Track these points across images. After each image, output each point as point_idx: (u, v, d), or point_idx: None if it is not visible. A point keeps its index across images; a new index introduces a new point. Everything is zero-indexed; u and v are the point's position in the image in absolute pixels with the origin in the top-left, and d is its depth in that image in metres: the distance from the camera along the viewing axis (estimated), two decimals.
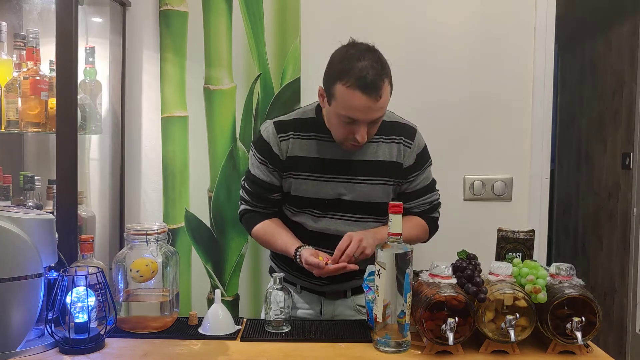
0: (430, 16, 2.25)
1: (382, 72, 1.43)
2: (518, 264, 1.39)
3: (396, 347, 1.31)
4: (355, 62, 1.42)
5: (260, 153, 1.64)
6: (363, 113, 1.45)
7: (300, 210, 1.66)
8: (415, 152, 1.64)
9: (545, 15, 2.25)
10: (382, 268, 1.29)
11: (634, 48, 3.02)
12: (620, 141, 3.19)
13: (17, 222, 1.29)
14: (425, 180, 1.69)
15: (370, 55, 1.44)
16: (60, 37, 1.65)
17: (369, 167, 1.61)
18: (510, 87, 2.28)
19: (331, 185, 1.62)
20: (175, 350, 1.32)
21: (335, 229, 1.63)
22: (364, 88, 1.41)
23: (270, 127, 1.63)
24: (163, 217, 2.23)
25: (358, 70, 1.41)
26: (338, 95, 1.45)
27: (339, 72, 1.44)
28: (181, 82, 2.20)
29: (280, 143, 1.61)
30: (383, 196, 1.63)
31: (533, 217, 2.30)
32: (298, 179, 1.62)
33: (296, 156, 1.62)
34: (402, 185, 1.66)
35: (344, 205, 1.63)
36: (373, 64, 1.42)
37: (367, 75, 1.40)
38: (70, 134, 1.67)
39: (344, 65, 1.44)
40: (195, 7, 2.18)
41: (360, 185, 1.62)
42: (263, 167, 1.64)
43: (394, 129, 1.64)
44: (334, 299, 1.71)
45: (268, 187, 1.65)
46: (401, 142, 1.63)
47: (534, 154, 2.29)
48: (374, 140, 1.61)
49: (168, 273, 1.45)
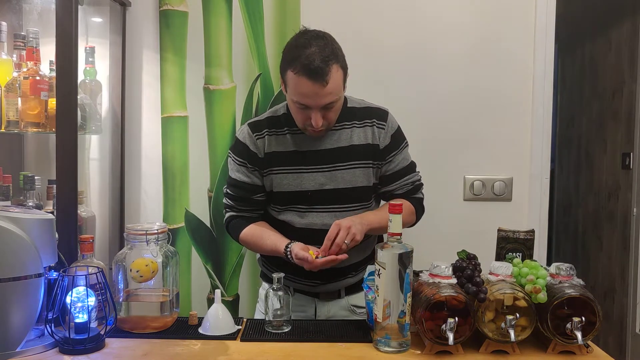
0: (431, 16, 2.25)
1: (330, 57, 1.46)
2: (518, 264, 1.39)
3: (396, 347, 1.31)
4: (302, 49, 1.46)
5: (238, 155, 1.66)
6: (311, 99, 1.48)
7: (285, 207, 1.66)
8: (389, 132, 1.66)
9: (545, 15, 2.25)
10: (382, 268, 1.29)
11: (634, 48, 3.02)
12: (620, 141, 3.19)
13: (17, 222, 1.29)
14: (404, 161, 1.70)
15: (319, 41, 1.48)
16: (60, 37, 1.65)
17: (346, 152, 1.63)
18: (510, 87, 2.28)
19: (312, 176, 1.63)
20: (175, 350, 1.32)
21: (322, 223, 1.63)
22: (310, 74, 1.44)
23: (245, 128, 1.67)
24: (163, 217, 2.23)
25: (304, 57, 1.44)
26: (289, 82, 1.50)
27: (288, 60, 1.49)
28: (181, 82, 2.20)
29: (256, 141, 1.64)
30: (364, 180, 1.64)
31: (533, 217, 2.30)
32: (278, 174, 1.63)
33: (273, 152, 1.63)
34: (382, 167, 1.67)
35: (327, 196, 1.63)
36: (320, 50, 1.45)
37: (312, 62, 1.44)
38: (70, 134, 1.67)
39: (292, 53, 1.48)
40: (195, 7, 2.18)
41: (340, 172, 1.63)
42: (243, 169, 1.65)
43: (365, 114, 1.66)
44: (328, 299, 1.70)
45: (250, 188, 1.65)
46: (374, 124, 1.65)
47: (534, 154, 2.29)
48: (346, 127, 1.64)
49: (168, 273, 1.45)
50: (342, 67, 1.51)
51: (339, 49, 1.52)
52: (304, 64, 1.44)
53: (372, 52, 2.23)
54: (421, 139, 2.14)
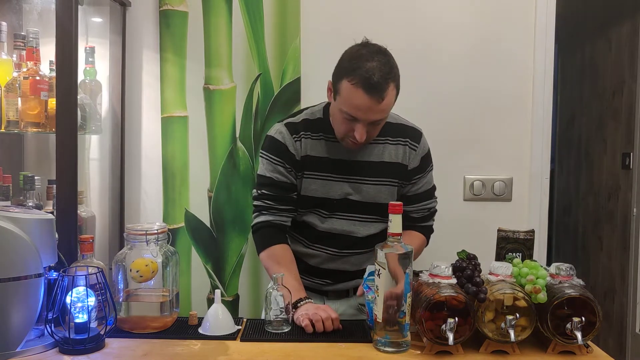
0: (430, 17, 2.25)
1: (389, 75, 1.44)
2: (518, 264, 1.39)
3: (396, 347, 1.31)
4: (364, 61, 1.44)
5: (275, 155, 1.63)
6: (364, 112, 1.46)
7: (308, 210, 1.67)
8: (420, 154, 1.66)
9: (545, 15, 2.25)
10: (382, 268, 1.29)
11: (634, 48, 3.02)
12: (620, 141, 3.19)
13: (17, 222, 1.29)
14: (427, 184, 1.71)
15: (380, 57, 1.46)
16: (60, 37, 1.64)
17: (375, 168, 1.63)
18: (510, 87, 2.28)
19: (339, 185, 1.63)
20: (175, 350, 1.32)
21: (341, 229, 1.66)
22: (368, 88, 1.42)
23: (283, 128, 1.64)
24: (163, 217, 2.23)
25: (365, 70, 1.42)
26: (343, 92, 1.47)
27: (346, 69, 1.46)
28: (181, 82, 2.20)
29: (295, 143, 1.63)
30: (388, 197, 1.64)
31: (533, 217, 2.30)
32: (308, 179, 1.64)
33: (308, 155, 1.63)
34: (405, 187, 1.68)
35: (350, 205, 1.65)
36: (381, 66, 1.44)
37: (372, 76, 1.42)
38: (70, 134, 1.67)
39: (352, 63, 1.46)
40: (195, 7, 2.18)
41: (367, 185, 1.63)
42: (280, 168, 1.63)
43: (400, 131, 1.66)
44: (337, 298, 1.72)
45: (288, 186, 1.64)
46: (407, 144, 1.65)
47: (534, 154, 2.29)
48: (380, 142, 1.63)
49: (168, 273, 1.45)
50: (396, 87, 1.49)
51: (397, 68, 1.50)
52: (364, 77, 1.42)
53: None
54: None
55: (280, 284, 1.46)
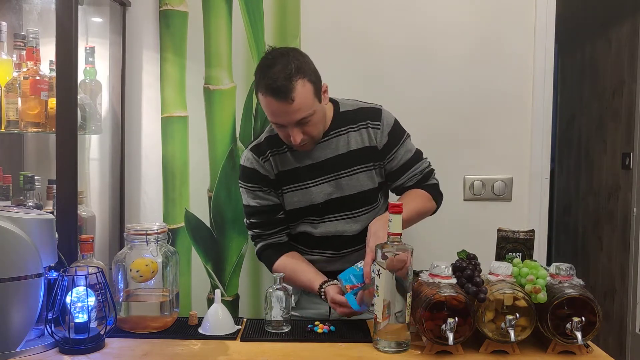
0: (430, 17, 2.24)
1: (292, 74, 1.45)
2: (518, 264, 1.39)
3: (396, 347, 1.31)
4: (267, 69, 1.47)
5: (250, 182, 1.67)
6: (282, 117, 1.49)
7: (299, 222, 1.69)
8: (385, 130, 1.65)
9: (545, 15, 2.25)
10: (382, 268, 1.29)
11: (634, 48, 3.02)
12: (620, 141, 3.19)
13: (17, 222, 1.29)
14: (408, 153, 1.69)
15: (282, 60, 1.48)
16: (60, 37, 1.64)
17: (346, 159, 1.64)
18: (510, 86, 2.28)
19: (319, 188, 1.65)
20: (175, 350, 1.32)
21: (335, 230, 1.67)
22: (274, 93, 1.45)
23: (249, 154, 1.68)
24: (163, 217, 2.23)
25: (268, 77, 1.45)
26: (261, 104, 1.52)
27: (256, 82, 1.51)
28: (181, 82, 2.20)
29: (264, 165, 1.65)
30: (369, 182, 1.65)
31: (533, 217, 2.30)
32: (288, 192, 1.66)
33: (281, 171, 1.65)
34: (385, 165, 1.67)
35: (337, 205, 1.66)
36: (282, 68, 1.45)
37: (275, 80, 1.44)
38: (70, 134, 1.67)
39: (259, 74, 1.50)
40: (195, 7, 2.18)
41: (344, 178, 1.64)
42: (259, 193, 1.66)
43: (358, 116, 1.66)
44: None
45: (272, 208, 1.67)
46: (368, 126, 1.65)
47: (534, 154, 2.29)
48: (342, 132, 1.64)
49: (168, 273, 1.45)
50: (310, 81, 1.49)
51: (307, 62, 1.51)
52: (268, 84, 1.45)
53: (372, 52, 2.23)
54: (421, 139, 2.13)
55: (280, 283, 1.46)
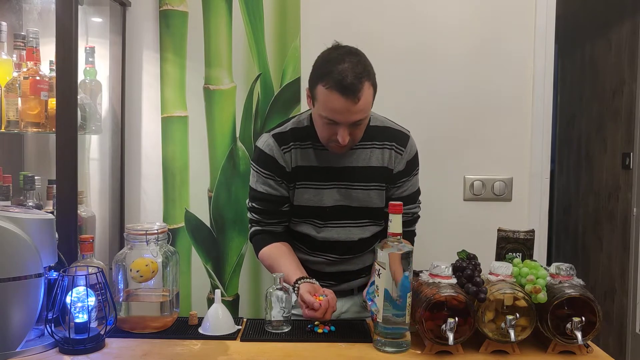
0: (431, 17, 2.25)
1: (362, 74, 1.44)
2: (518, 264, 1.39)
3: (396, 347, 1.31)
4: (335, 64, 1.44)
5: (265, 168, 1.63)
6: (342, 115, 1.46)
7: (302, 220, 1.68)
8: (406, 158, 1.65)
9: (545, 15, 2.25)
10: (382, 268, 1.29)
11: (634, 48, 3.02)
12: (620, 141, 3.19)
13: (17, 222, 1.29)
14: (412, 187, 1.70)
15: (352, 57, 1.46)
16: (60, 37, 1.65)
17: (363, 173, 1.63)
18: (511, 87, 2.28)
19: (329, 192, 1.64)
20: (175, 350, 1.32)
21: (338, 237, 1.67)
22: (342, 90, 1.42)
23: (271, 139, 1.63)
24: (163, 217, 2.23)
25: (337, 73, 1.43)
26: (319, 97, 1.48)
27: (320, 74, 1.47)
28: (181, 82, 2.20)
29: (284, 155, 1.62)
30: (378, 201, 1.65)
31: (533, 217, 2.30)
32: (301, 188, 1.64)
33: (299, 166, 1.63)
34: (390, 190, 1.67)
35: (343, 212, 1.65)
36: (353, 66, 1.44)
37: (345, 77, 1.42)
38: (70, 134, 1.67)
39: (324, 67, 1.47)
40: (195, 7, 2.18)
41: (356, 191, 1.64)
42: (270, 181, 1.63)
43: (386, 135, 1.65)
44: (341, 296, 1.72)
45: (278, 199, 1.64)
46: (393, 148, 1.64)
47: (534, 154, 2.29)
48: (367, 147, 1.63)
49: (168, 273, 1.45)
50: (372, 85, 1.49)
51: (371, 66, 1.50)
52: (337, 79, 1.42)
53: (372, 52, 2.19)
54: (421, 139, 2.13)
55: (280, 283, 1.46)
